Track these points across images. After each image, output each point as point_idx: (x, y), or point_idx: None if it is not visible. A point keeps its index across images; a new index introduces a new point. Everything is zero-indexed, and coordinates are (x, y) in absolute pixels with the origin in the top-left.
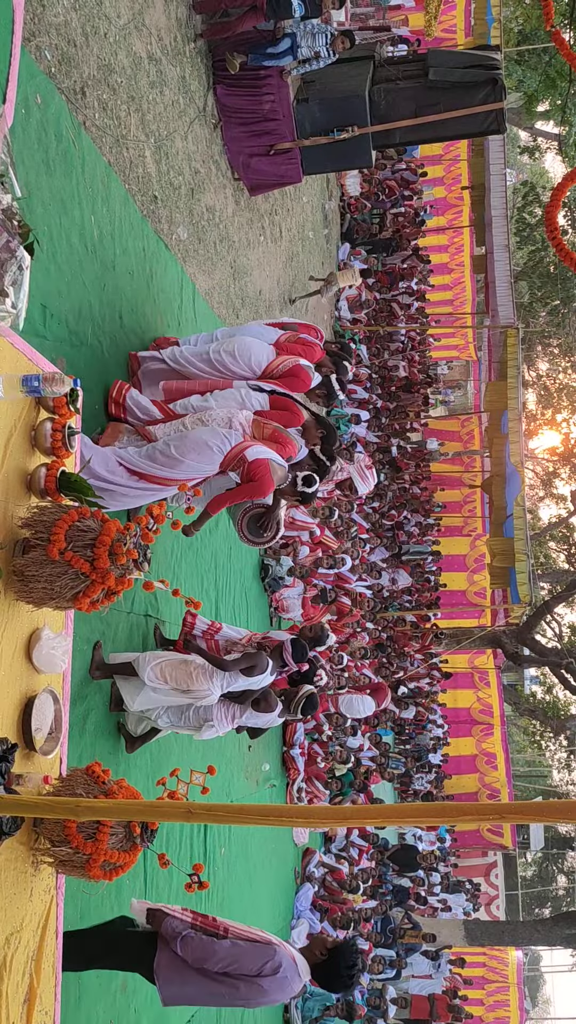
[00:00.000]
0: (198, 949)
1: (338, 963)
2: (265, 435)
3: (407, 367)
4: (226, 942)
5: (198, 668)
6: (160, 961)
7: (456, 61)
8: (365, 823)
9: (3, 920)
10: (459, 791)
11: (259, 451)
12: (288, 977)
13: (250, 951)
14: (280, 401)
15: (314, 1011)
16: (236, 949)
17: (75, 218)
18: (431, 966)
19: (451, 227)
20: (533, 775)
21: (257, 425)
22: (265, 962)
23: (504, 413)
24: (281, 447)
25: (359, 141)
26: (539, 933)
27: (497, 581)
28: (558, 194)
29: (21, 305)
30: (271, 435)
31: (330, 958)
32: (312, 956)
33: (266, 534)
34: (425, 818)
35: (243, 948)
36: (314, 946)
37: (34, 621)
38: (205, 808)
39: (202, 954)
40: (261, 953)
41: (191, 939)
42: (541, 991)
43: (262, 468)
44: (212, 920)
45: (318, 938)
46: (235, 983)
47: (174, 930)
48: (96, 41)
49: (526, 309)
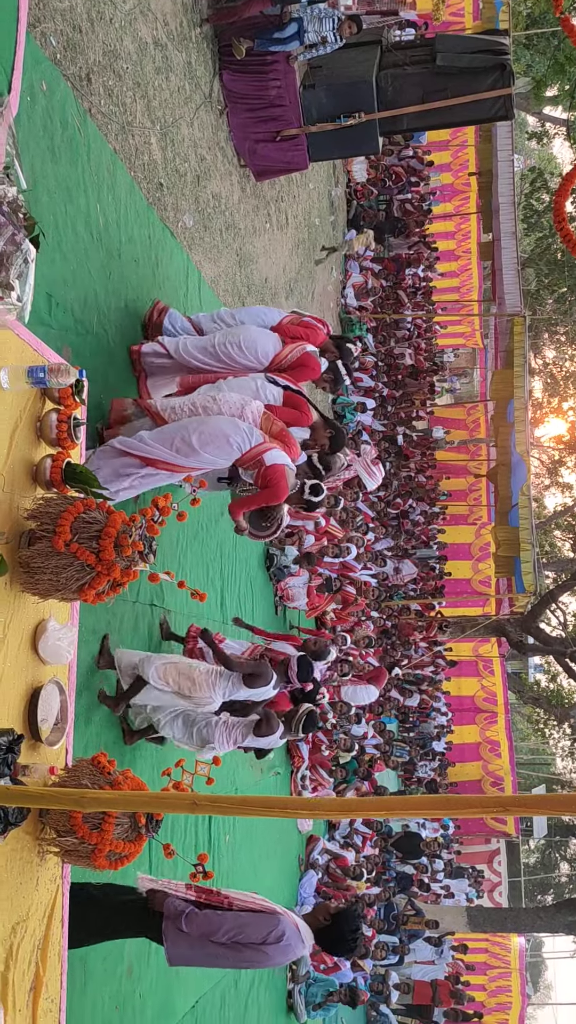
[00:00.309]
0: (203, 924)
1: (341, 927)
2: (273, 432)
3: (413, 355)
4: (230, 914)
5: (202, 675)
6: (167, 930)
7: (464, 46)
8: (369, 815)
9: (9, 909)
10: (463, 779)
11: (277, 456)
12: (292, 944)
13: (254, 921)
14: (293, 399)
15: (317, 996)
16: (240, 920)
17: (81, 206)
18: (434, 952)
19: (458, 213)
20: (536, 763)
21: (267, 419)
22: (270, 931)
23: (510, 402)
24: (288, 448)
25: (366, 127)
26: (541, 920)
27: (502, 570)
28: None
29: (27, 298)
30: (278, 434)
31: (333, 923)
32: (316, 921)
33: (268, 527)
34: (429, 810)
35: (247, 919)
36: (317, 912)
37: (40, 612)
38: (210, 800)
39: (207, 928)
40: (265, 922)
41: (195, 915)
42: (543, 976)
43: (279, 475)
44: (216, 893)
45: (321, 904)
46: (240, 950)
47: (177, 909)
48: (101, 27)
49: (533, 297)
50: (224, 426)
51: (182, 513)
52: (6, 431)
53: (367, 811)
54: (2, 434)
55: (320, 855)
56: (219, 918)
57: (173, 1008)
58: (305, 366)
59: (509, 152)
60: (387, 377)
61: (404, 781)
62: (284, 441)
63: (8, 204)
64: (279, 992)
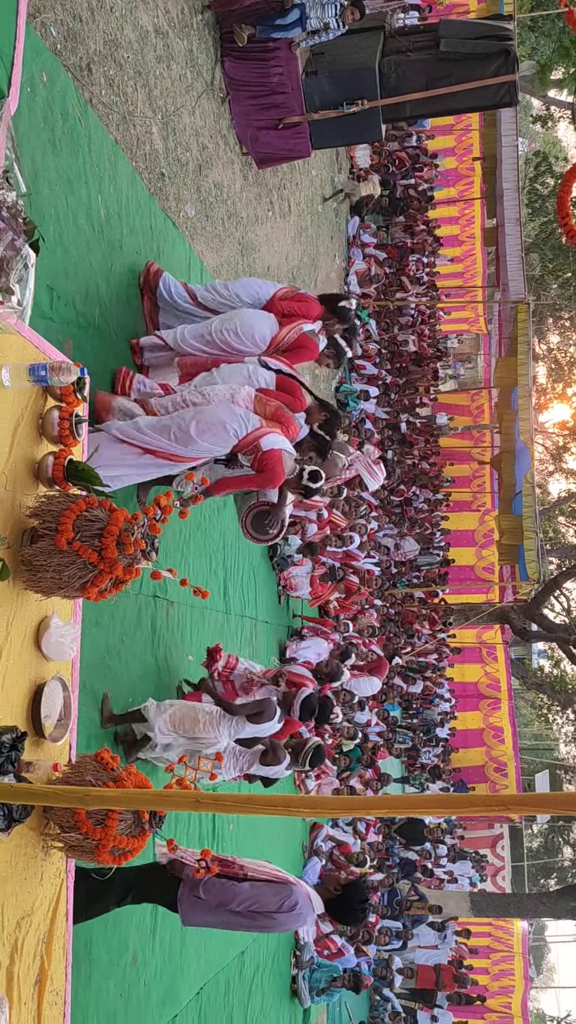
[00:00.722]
0: (220, 893)
1: (351, 898)
2: (267, 413)
3: (416, 341)
4: (246, 884)
5: (206, 716)
6: (183, 895)
7: (468, 32)
8: (371, 813)
9: (14, 904)
10: (466, 764)
11: (274, 440)
12: (303, 912)
13: (269, 891)
14: (286, 383)
15: (321, 982)
16: (255, 890)
17: (82, 198)
18: (437, 937)
19: (462, 199)
20: (540, 748)
21: (259, 402)
22: (283, 901)
23: (514, 389)
24: (284, 427)
25: (369, 114)
26: (544, 905)
27: (505, 558)
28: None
29: (27, 302)
30: (274, 414)
31: (343, 894)
32: (327, 892)
33: (271, 531)
34: (431, 808)
35: (262, 889)
36: (328, 883)
37: (43, 610)
38: (213, 798)
39: (224, 897)
40: (279, 892)
41: (212, 884)
42: (546, 959)
43: (275, 460)
44: (231, 862)
45: (331, 876)
46: (255, 917)
47: (194, 878)
48: (102, 16)
49: (537, 282)
50: (220, 414)
51: (184, 511)
52: (8, 429)
53: (370, 809)
54: (4, 432)
55: (324, 842)
56: (235, 888)
57: (177, 996)
58: (303, 347)
59: (513, 137)
60: (390, 364)
61: (408, 767)
62: (281, 421)
63: (7, 209)
64: (283, 978)
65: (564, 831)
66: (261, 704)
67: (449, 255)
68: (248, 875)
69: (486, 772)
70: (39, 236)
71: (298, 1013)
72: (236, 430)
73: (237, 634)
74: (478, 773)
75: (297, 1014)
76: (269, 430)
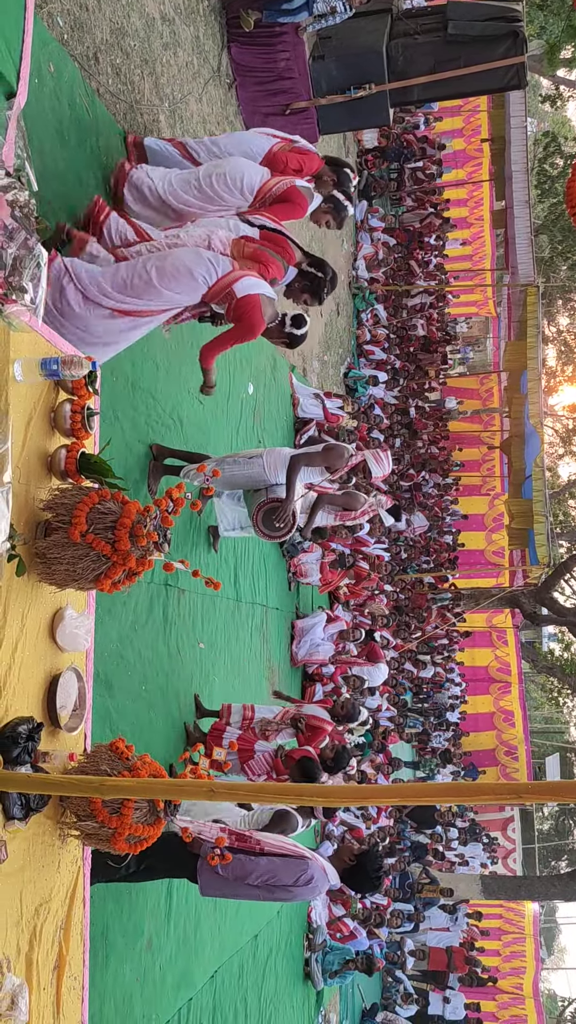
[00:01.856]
0: (238, 868)
1: (365, 867)
2: (245, 254)
3: (425, 325)
4: (263, 859)
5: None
6: (202, 868)
7: (476, 13)
8: (382, 801)
9: (33, 892)
10: (477, 748)
11: (249, 284)
12: (318, 885)
13: (285, 866)
14: (271, 237)
15: (334, 964)
16: (272, 865)
17: (89, 188)
18: (448, 919)
19: (470, 181)
20: (550, 731)
21: (237, 245)
22: (299, 875)
23: (523, 373)
24: (264, 267)
25: (376, 99)
26: (555, 888)
27: (515, 542)
28: None
29: (40, 300)
30: (252, 254)
31: (357, 864)
32: (341, 863)
33: (281, 527)
34: (442, 797)
35: (278, 864)
36: (343, 853)
37: (57, 601)
38: (227, 787)
39: (241, 872)
40: (295, 867)
41: (230, 861)
42: (557, 940)
43: (252, 306)
44: (248, 836)
45: (345, 847)
46: (272, 890)
47: None
48: (108, 4)
49: (547, 264)
50: (185, 257)
51: (196, 503)
52: (21, 422)
53: (380, 798)
54: (17, 425)
55: (336, 826)
56: (252, 863)
57: (192, 979)
58: (290, 201)
59: (522, 119)
60: (399, 349)
61: (419, 751)
62: (260, 260)
63: (20, 208)
64: (296, 961)
65: (575, 813)
66: (282, 821)
67: (459, 238)
68: (264, 850)
69: (497, 756)
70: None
71: (311, 995)
72: (205, 276)
73: (248, 622)
74: (489, 757)
75: (310, 996)
76: (244, 273)
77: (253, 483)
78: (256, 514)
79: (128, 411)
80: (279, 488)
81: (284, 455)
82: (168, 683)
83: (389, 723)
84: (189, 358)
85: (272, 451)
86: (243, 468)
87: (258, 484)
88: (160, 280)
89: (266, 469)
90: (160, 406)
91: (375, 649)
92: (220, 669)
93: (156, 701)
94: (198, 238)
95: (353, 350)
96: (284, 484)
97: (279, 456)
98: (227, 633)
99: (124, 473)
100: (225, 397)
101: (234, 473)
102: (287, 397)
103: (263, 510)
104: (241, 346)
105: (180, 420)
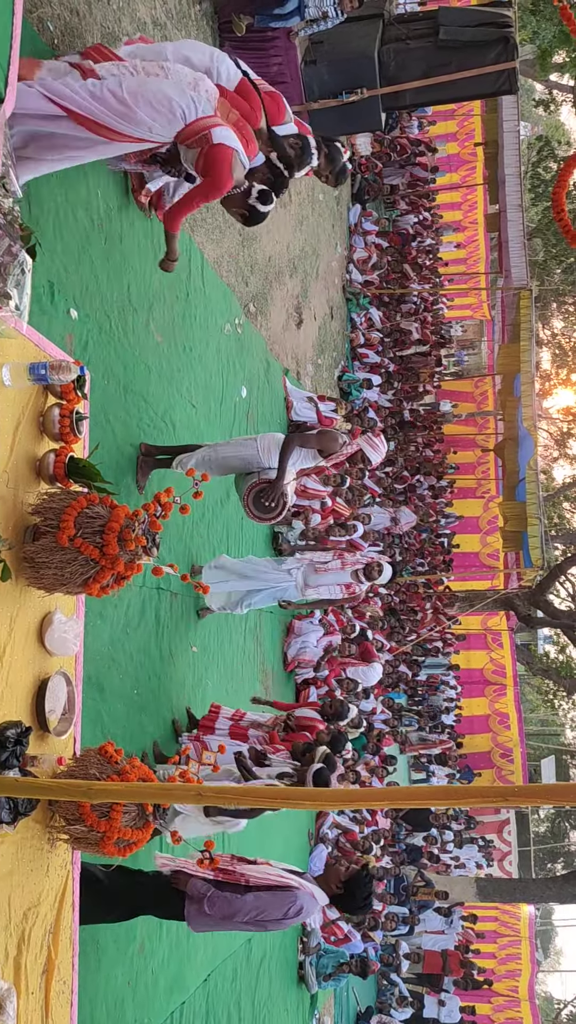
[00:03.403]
0: (225, 907)
1: (355, 893)
2: (229, 120)
3: (420, 329)
4: (250, 896)
5: None
6: (190, 912)
7: (467, 19)
8: (370, 805)
9: (21, 896)
10: (472, 751)
11: (226, 135)
12: (308, 912)
13: (273, 900)
14: (248, 91)
15: (328, 967)
16: (260, 901)
17: (81, 193)
18: (443, 922)
19: (464, 185)
20: (546, 734)
21: (223, 105)
22: (288, 908)
23: (517, 376)
24: (245, 142)
25: (368, 103)
26: (550, 891)
27: (509, 545)
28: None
29: (24, 306)
30: (235, 123)
31: (346, 890)
32: (329, 889)
33: (273, 507)
34: (429, 800)
35: (266, 899)
36: (330, 879)
37: (46, 606)
38: (215, 791)
39: (229, 911)
40: (283, 900)
41: (216, 898)
42: (553, 943)
43: (224, 156)
44: (233, 872)
45: (333, 870)
46: (262, 924)
47: (199, 891)
48: (99, 8)
49: (540, 267)
50: (167, 87)
51: (185, 507)
52: (9, 427)
53: (368, 801)
54: (5, 430)
55: (330, 829)
56: (239, 901)
57: (184, 982)
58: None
59: (515, 123)
60: (393, 352)
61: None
62: (242, 132)
63: (4, 215)
64: (290, 964)
65: (570, 816)
66: None
67: (453, 241)
68: (251, 883)
69: (492, 758)
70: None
71: (305, 999)
72: (184, 110)
73: (241, 625)
74: (484, 759)
75: (304, 1000)
76: (222, 123)
77: (246, 464)
78: (247, 496)
79: (120, 414)
80: (272, 472)
81: (278, 438)
82: (160, 687)
83: (383, 725)
84: (182, 362)
85: (267, 435)
86: (237, 449)
87: (251, 466)
88: (136, 102)
89: (260, 451)
90: (152, 409)
91: (368, 648)
92: (213, 672)
93: (148, 705)
94: (185, 78)
95: (347, 353)
96: (276, 467)
97: (273, 439)
98: (220, 636)
99: (115, 477)
100: (218, 400)
101: (227, 455)
102: (280, 400)
103: (253, 492)
104: (233, 350)
105: (172, 423)
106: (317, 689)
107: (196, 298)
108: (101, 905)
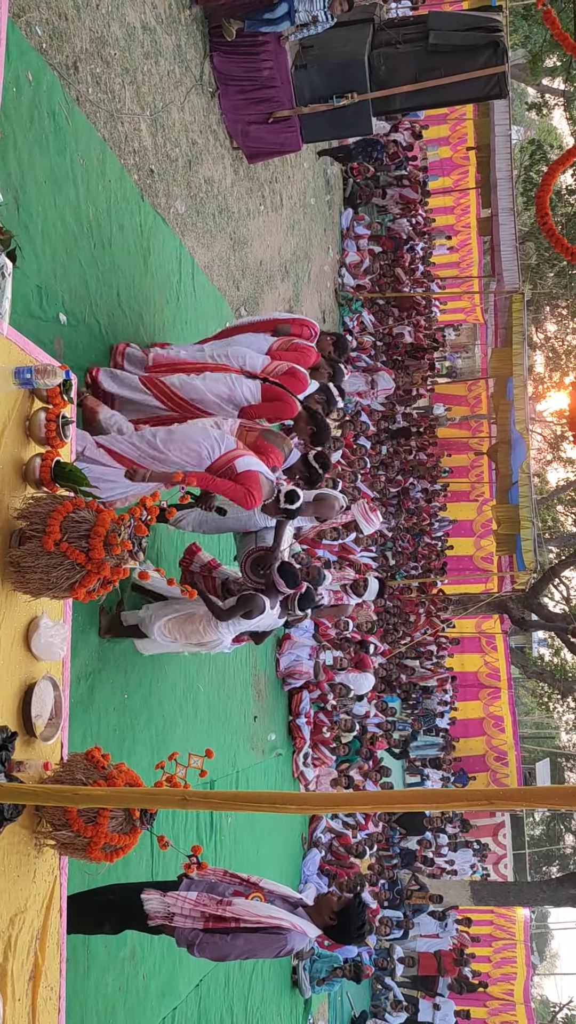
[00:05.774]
0: (214, 951)
1: (348, 925)
2: (248, 442)
3: (412, 333)
4: (240, 939)
5: (202, 619)
6: (181, 947)
7: (457, 23)
8: (357, 809)
9: (7, 902)
10: (467, 754)
11: (249, 462)
12: (298, 948)
13: (262, 942)
14: (273, 391)
15: (322, 972)
16: (250, 944)
17: (70, 197)
18: (438, 926)
19: (457, 189)
20: (541, 736)
21: (242, 432)
22: (279, 950)
23: (510, 379)
24: (265, 457)
25: (359, 108)
26: (544, 894)
27: (503, 548)
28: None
29: (5, 310)
30: (254, 443)
31: (339, 922)
32: (322, 920)
33: (268, 575)
34: (416, 803)
35: (256, 941)
36: (323, 911)
37: (32, 610)
38: (201, 796)
39: (219, 954)
40: (273, 942)
41: (206, 944)
42: (549, 946)
43: (251, 481)
44: (222, 918)
45: (325, 901)
46: (252, 958)
47: (187, 939)
48: (88, 13)
49: (533, 271)
50: (192, 431)
51: (171, 510)
52: None
53: (355, 805)
54: None
55: (323, 833)
56: (228, 945)
57: (176, 988)
58: (292, 376)
59: (507, 127)
60: (386, 356)
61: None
62: (261, 451)
63: None
64: (283, 969)
65: (565, 819)
66: (248, 602)
67: (446, 244)
68: (241, 924)
69: (487, 761)
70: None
71: (299, 1004)
72: (209, 450)
73: None
74: (479, 762)
75: (298, 1005)
76: (245, 452)
77: (242, 526)
78: (245, 561)
79: None
80: (268, 533)
81: None
82: (151, 691)
83: (377, 729)
84: None
85: None
86: (232, 512)
87: (248, 528)
88: (167, 446)
89: (256, 513)
90: None
91: (363, 658)
92: (204, 676)
93: (138, 710)
94: (207, 421)
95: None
96: (273, 528)
97: None
98: None
99: None
100: None
101: (221, 519)
102: None
103: (251, 558)
104: None
105: None
106: (310, 693)
107: (186, 302)
108: (91, 923)
